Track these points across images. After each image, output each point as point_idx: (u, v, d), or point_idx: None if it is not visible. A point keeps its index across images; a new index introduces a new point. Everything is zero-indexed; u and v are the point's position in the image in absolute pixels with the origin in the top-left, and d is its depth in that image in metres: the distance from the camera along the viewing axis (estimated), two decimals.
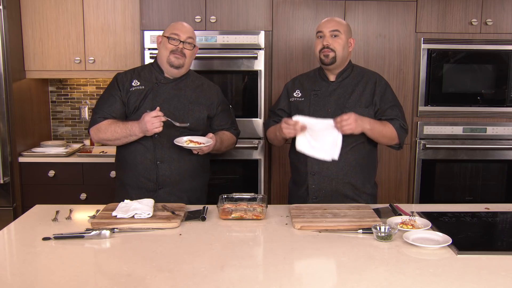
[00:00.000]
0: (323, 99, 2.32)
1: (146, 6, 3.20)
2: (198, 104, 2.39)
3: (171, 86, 2.37)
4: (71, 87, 3.80)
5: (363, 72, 2.38)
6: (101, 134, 2.30)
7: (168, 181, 2.33)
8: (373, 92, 2.31)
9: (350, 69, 2.36)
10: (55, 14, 3.38)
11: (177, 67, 2.33)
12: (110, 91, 2.37)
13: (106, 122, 2.31)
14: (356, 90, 2.31)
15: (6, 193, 3.20)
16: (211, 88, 2.49)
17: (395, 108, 2.32)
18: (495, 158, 3.37)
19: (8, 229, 1.89)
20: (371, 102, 2.30)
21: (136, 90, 2.34)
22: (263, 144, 3.25)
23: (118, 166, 2.44)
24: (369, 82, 2.33)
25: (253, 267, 1.53)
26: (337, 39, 2.27)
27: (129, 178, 2.36)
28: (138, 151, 2.32)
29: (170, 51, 2.30)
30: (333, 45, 2.26)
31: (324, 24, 2.31)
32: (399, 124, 2.28)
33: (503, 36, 3.30)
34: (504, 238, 1.88)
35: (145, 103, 2.31)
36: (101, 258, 1.61)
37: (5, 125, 3.14)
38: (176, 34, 2.32)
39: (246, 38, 3.18)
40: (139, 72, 2.41)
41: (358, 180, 2.30)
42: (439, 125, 3.32)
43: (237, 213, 1.97)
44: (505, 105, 3.33)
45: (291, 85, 2.46)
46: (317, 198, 2.31)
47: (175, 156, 2.32)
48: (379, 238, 1.73)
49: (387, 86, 2.35)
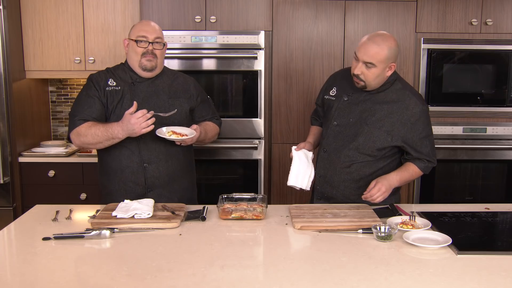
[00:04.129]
0: (351, 106, 2.22)
1: (146, 6, 3.20)
2: (177, 98, 2.34)
3: (147, 84, 2.31)
4: (71, 87, 3.80)
5: (401, 92, 2.17)
6: (82, 137, 2.17)
7: (157, 183, 2.28)
8: (401, 119, 2.13)
9: (389, 83, 2.18)
10: (55, 14, 3.37)
11: (150, 69, 2.28)
12: (87, 92, 2.26)
13: (86, 124, 2.18)
14: (384, 109, 2.15)
15: (6, 193, 3.20)
16: (186, 80, 2.44)
17: (425, 141, 2.16)
18: (495, 158, 3.37)
19: (8, 229, 1.89)
20: (395, 128, 2.14)
21: (113, 90, 2.26)
22: (263, 144, 3.25)
23: (102, 173, 2.34)
24: (402, 107, 2.14)
25: (253, 267, 1.53)
26: (370, 70, 2.08)
27: (115, 184, 2.28)
28: (123, 155, 2.24)
29: (141, 54, 2.24)
30: (364, 75, 2.10)
31: (360, 50, 2.08)
32: (427, 166, 2.19)
33: (503, 36, 3.30)
34: (504, 238, 1.88)
35: (124, 104, 2.24)
36: (101, 258, 1.61)
37: (5, 125, 3.14)
38: (143, 36, 2.25)
39: (246, 38, 3.18)
40: (113, 71, 2.33)
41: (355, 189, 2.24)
42: (439, 125, 3.32)
43: (237, 213, 1.97)
44: (505, 105, 3.33)
45: (331, 80, 2.38)
46: (321, 199, 2.31)
47: (162, 156, 2.27)
48: (379, 238, 1.73)
49: (421, 115, 2.14)
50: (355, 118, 2.20)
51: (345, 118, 2.23)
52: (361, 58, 2.08)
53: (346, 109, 2.24)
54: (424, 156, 2.17)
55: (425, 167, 2.19)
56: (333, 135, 2.24)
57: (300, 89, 3.29)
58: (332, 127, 2.25)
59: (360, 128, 2.17)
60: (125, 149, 2.24)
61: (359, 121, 2.19)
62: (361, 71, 2.10)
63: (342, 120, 2.23)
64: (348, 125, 2.21)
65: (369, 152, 2.18)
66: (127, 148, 2.24)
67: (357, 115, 2.20)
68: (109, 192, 2.30)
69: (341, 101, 2.26)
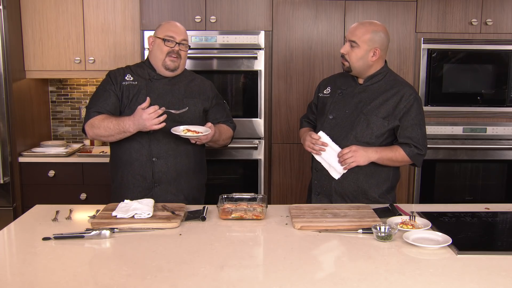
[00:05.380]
0: (345, 99, 2.28)
1: (146, 6, 3.20)
2: (192, 97, 2.37)
3: (165, 82, 2.35)
4: (71, 87, 3.80)
5: (395, 82, 2.26)
6: (95, 129, 2.24)
7: (164, 178, 2.30)
8: (396, 105, 2.20)
9: (382, 75, 2.26)
10: (55, 14, 3.38)
11: (172, 70, 2.32)
12: (103, 86, 2.34)
13: (100, 117, 2.25)
14: (380, 98, 2.22)
15: (6, 193, 3.20)
16: (204, 82, 2.48)
17: (416, 128, 2.20)
18: (495, 158, 3.37)
19: (8, 229, 1.89)
20: (391, 114, 2.20)
21: (130, 84, 2.31)
22: (263, 144, 3.25)
23: (113, 165, 2.40)
24: (396, 94, 2.21)
25: (253, 267, 1.53)
26: (354, 50, 2.19)
27: (125, 177, 2.33)
28: (133, 148, 2.29)
29: (166, 53, 2.29)
30: (348, 55, 2.21)
31: (350, 29, 2.23)
32: (413, 151, 2.19)
33: (503, 36, 3.30)
34: (504, 238, 1.88)
35: (139, 99, 2.27)
36: (101, 258, 1.61)
37: (5, 125, 3.14)
38: (171, 36, 2.29)
39: (246, 38, 3.18)
40: (132, 68, 2.40)
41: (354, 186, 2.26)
42: (439, 125, 3.32)
43: (237, 213, 1.97)
44: (505, 105, 3.33)
45: (325, 81, 2.44)
46: (319, 195, 2.31)
47: (172, 152, 2.30)
48: (379, 238, 1.73)
49: (414, 101, 2.21)
50: (351, 109, 2.25)
51: (340, 111, 2.27)
52: (347, 37, 2.22)
53: (341, 102, 2.29)
54: (413, 141, 2.19)
55: (411, 151, 2.19)
56: (330, 128, 2.26)
57: (300, 89, 3.29)
58: (328, 120, 2.28)
59: (357, 117, 2.22)
60: (135, 142, 2.28)
61: (355, 111, 2.24)
62: (346, 50, 2.22)
63: (338, 113, 2.27)
64: (344, 116, 2.25)
65: (367, 139, 2.21)
66: (137, 141, 2.28)
67: (352, 106, 2.25)
68: (118, 185, 2.35)
69: (336, 95, 2.31)
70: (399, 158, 2.20)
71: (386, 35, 2.23)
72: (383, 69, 2.27)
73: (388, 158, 2.19)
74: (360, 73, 2.26)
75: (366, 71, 2.24)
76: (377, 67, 2.26)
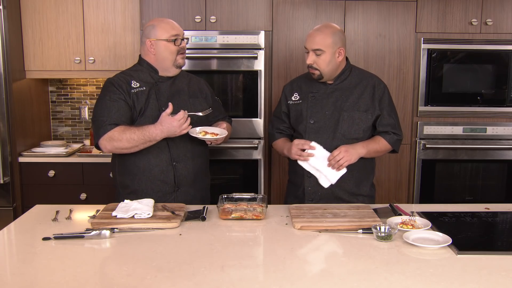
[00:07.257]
0: (320, 101, 2.30)
1: (146, 6, 3.20)
2: (196, 97, 2.38)
3: (169, 84, 2.32)
4: (71, 87, 3.80)
5: (361, 75, 2.35)
6: (115, 142, 2.13)
7: (185, 181, 2.29)
8: (372, 96, 2.28)
9: (348, 71, 2.32)
10: (55, 14, 3.38)
11: (182, 66, 2.33)
12: (111, 96, 2.19)
13: (119, 129, 2.14)
14: (354, 93, 2.29)
15: (6, 193, 3.20)
16: (199, 81, 2.48)
17: (392, 114, 2.31)
18: (495, 158, 3.37)
19: (8, 229, 1.89)
20: (370, 105, 2.28)
21: (139, 91, 2.23)
22: (263, 144, 3.25)
23: (125, 173, 2.28)
24: (368, 85, 2.30)
25: (253, 267, 1.53)
26: (321, 57, 2.21)
27: (142, 184, 2.25)
28: (152, 153, 2.22)
29: (177, 52, 2.27)
30: (317, 64, 2.23)
31: (308, 40, 2.25)
32: (393, 137, 2.30)
33: (503, 36, 3.30)
34: (504, 238, 1.88)
35: (151, 104, 2.23)
36: (101, 258, 1.61)
37: (5, 125, 3.14)
38: (176, 35, 2.28)
39: (246, 38, 3.18)
40: (132, 73, 2.29)
41: (353, 184, 2.30)
42: (439, 125, 3.32)
43: (237, 213, 1.97)
44: (505, 105, 3.33)
45: (289, 88, 2.44)
46: (313, 200, 2.31)
47: (189, 155, 2.30)
48: (379, 238, 1.73)
49: (385, 89, 2.32)
50: (330, 110, 2.28)
51: (319, 113, 2.29)
52: (310, 47, 2.23)
53: (317, 105, 2.31)
54: (390, 128, 2.29)
55: (391, 138, 2.29)
56: (314, 132, 2.28)
57: None
58: (310, 125, 2.29)
59: (340, 116, 2.26)
60: (153, 147, 2.20)
61: (335, 110, 2.28)
62: (313, 60, 2.23)
63: (318, 116, 2.29)
64: (325, 118, 2.28)
65: (356, 135, 2.27)
66: (156, 146, 2.21)
67: (331, 107, 2.29)
68: (133, 191, 2.26)
69: (309, 100, 2.33)
70: (382, 147, 2.30)
71: (343, 33, 2.30)
72: (347, 65, 2.33)
73: (374, 150, 2.27)
74: (331, 76, 2.29)
75: (335, 72, 2.29)
76: (342, 65, 2.31)
